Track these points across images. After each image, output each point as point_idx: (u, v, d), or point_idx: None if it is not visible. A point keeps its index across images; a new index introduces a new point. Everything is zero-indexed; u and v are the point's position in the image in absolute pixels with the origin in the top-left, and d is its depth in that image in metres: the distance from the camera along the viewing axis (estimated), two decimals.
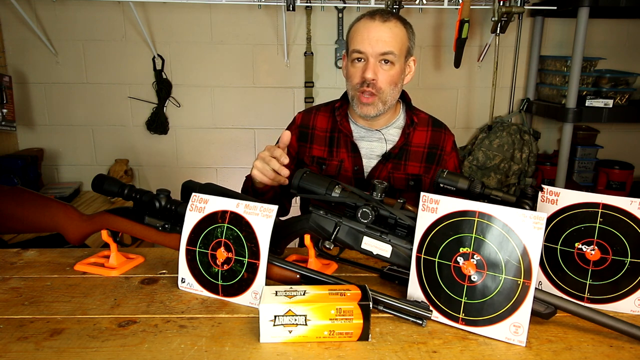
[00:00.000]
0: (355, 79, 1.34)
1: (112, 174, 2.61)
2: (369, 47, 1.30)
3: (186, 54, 2.62)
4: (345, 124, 1.44)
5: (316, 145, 1.46)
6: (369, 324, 0.80)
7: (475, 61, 2.69)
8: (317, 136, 1.47)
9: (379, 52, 1.30)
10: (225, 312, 0.90)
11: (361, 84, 1.32)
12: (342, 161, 1.43)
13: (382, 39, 1.30)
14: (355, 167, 1.42)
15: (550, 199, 0.96)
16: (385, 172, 1.42)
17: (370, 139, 1.44)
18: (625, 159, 2.77)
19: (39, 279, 1.03)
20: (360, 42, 1.31)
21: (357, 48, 1.32)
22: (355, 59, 1.34)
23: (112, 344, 0.80)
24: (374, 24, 1.31)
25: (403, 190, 1.42)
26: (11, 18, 2.51)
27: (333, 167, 1.43)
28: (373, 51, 1.30)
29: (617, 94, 2.44)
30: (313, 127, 1.48)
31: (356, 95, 1.35)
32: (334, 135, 1.45)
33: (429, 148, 1.44)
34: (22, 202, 1.11)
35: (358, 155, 1.43)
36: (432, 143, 1.44)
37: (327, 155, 1.45)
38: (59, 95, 2.64)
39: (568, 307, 0.84)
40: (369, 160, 1.43)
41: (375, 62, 1.31)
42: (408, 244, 0.94)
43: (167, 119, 2.69)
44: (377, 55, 1.30)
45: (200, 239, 0.96)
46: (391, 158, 1.41)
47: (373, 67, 1.31)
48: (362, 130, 1.45)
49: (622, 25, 2.68)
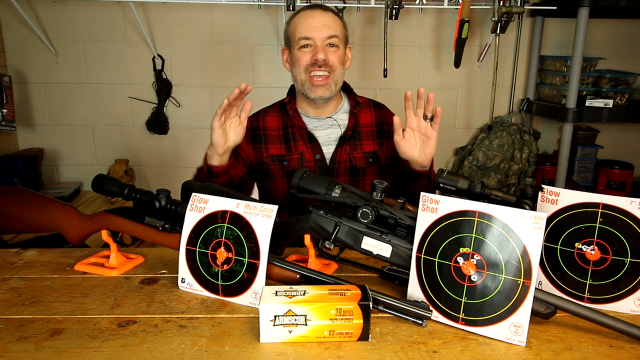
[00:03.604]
0: (304, 61, 1.41)
1: (112, 174, 2.61)
2: (316, 33, 1.39)
3: (186, 54, 2.62)
4: (297, 117, 1.49)
5: (272, 144, 1.50)
6: (369, 324, 0.80)
7: (475, 61, 2.69)
8: (270, 136, 1.51)
9: (326, 35, 1.40)
10: (225, 312, 0.90)
11: (312, 65, 1.39)
12: (302, 153, 1.47)
13: (327, 24, 1.40)
14: (316, 155, 1.47)
15: (550, 199, 0.96)
16: (345, 155, 1.48)
17: (324, 126, 1.50)
18: (625, 159, 2.77)
19: (39, 279, 1.03)
20: (308, 30, 1.40)
21: (304, 35, 1.40)
22: (302, 45, 1.41)
23: (112, 344, 0.80)
24: (315, 13, 1.41)
25: (364, 167, 1.49)
26: (11, 18, 2.51)
27: (294, 161, 1.47)
28: (320, 35, 1.39)
29: (617, 94, 2.44)
30: (264, 127, 1.51)
31: (307, 79, 1.41)
32: (287, 131, 1.50)
33: (377, 126, 1.52)
34: (22, 202, 1.11)
35: (317, 144, 1.48)
36: (378, 121, 1.53)
37: (285, 151, 1.48)
38: (59, 95, 2.64)
39: (568, 307, 0.84)
40: (327, 147, 1.49)
41: (322, 45, 1.40)
42: (408, 244, 0.93)
43: (167, 119, 2.69)
44: (323, 39, 1.40)
45: (200, 239, 0.96)
46: (347, 140, 1.49)
47: (323, 49, 1.39)
48: (314, 121, 1.50)
49: (622, 25, 2.68)
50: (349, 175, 1.49)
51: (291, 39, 1.45)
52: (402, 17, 2.44)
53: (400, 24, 2.53)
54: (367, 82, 2.67)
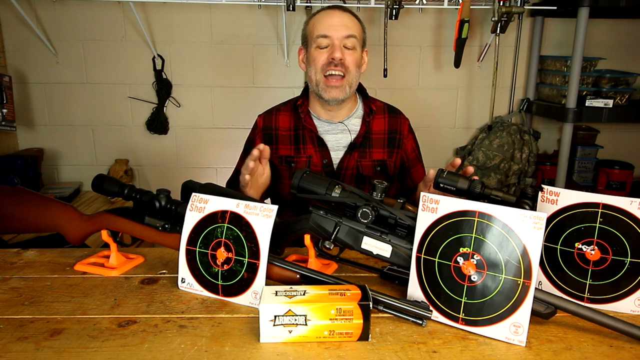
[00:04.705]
0: (320, 61, 1.40)
1: (112, 174, 2.61)
2: (334, 32, 1.38)
3: (186, 54, 2.62)
4: (309, 120, 1.48)
5: (282, 145, 1.49)
6: (369, 324, 0.80)
7: (475, 61, 2.69)
8: (281, 136, 1.50)
9: (344, 35, 1.39)
10: (225, 312, 0.90)
11: (328, 64, 1.38)
12: (311, 157, 1.47)
13: (345, 23, 1.40)
14: (324, 160, 1.47)
15: (550, 199, 0.96)
16: (353, 162, 1.47)
17: (335, 131, 1.49)
18: (625, 159, 2.77)
19: (39, 279, 1.03)
20: (326, 28, 1.39)
21: (322, 33, 1.39)
22: (319, 45, 1.40)
23: (112, 344, 0.80)
24: (335, 13, 1.41)
25: (371, 176, 1.48)
26: (11, 18, 2.51)
27: (302, 163, 1.47)
28: (338, 34, 1.38)
29: (617, 94, 2.44)
30: (276, 127, 1.51)
31: (322, 80, 1.40)
32: (298, 132, 1.49)
33: (389, 134, 1.51)
34: (22, 202, 1.11)
35: (325, 149, 1.47)
36: (391, 129, 1.52)
37: (294, 153, 1.48)
38: (59, 95, 2.64)
39: (568, 307, 0.84)
40: (336, 152, 1.48)
41: (340, 44, 1.39)
42: (408, 244, 0.93)
43: (167, 119, 2.69)
44: (341, 38, 1.38)
45: (200, 239, 0.96)
46: (356, 147, 1.48)
47: (340, 48, 1.38)
48: (325, 125, 1.49)
49: (622, 25, 2.68)
50: (355, 182, 1.48)
51: (309, 37, 1.44)
52: (402, 17, 2.44)
53: (400, 24, 2.53)
54: (367, 82, 2.63)
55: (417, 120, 2.82)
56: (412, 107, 2.76)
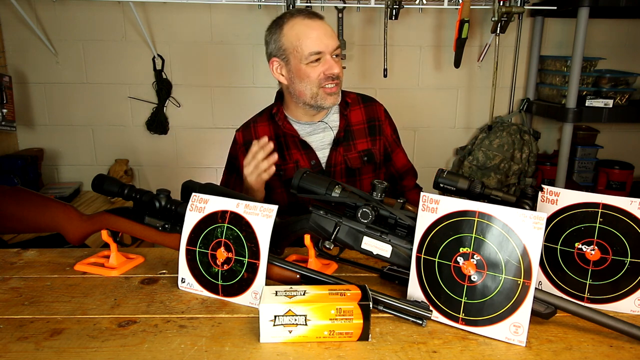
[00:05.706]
0: (316, 76, 1.38)
1: (112, 174, 2.61)
2: (324, 47, 1.37)
3: (186, 54, 2.62)
4: (288, 126, 1.47)
5: None
6: (369, 324, 0.80)
7: (475, 61, 2.69)
8: None
9: (333, 47, 1.39)
10: (225, 312, 0.90)
11: (325, 79, 1.38)
12: (297, 161, 1.47)
13: (330, 34, 1.39)
14: (312, 161, 1.47)
15: (550, 199, 0.96)
16: (340, 157, 1.48)
17: (317, 131, 1.49)
18: (625, 159, 2.77)
19: (39, 279, 1.03)
20: (317, 45, 1.36)
21: (315, 50, 1.36)
22: (311, 61, 1.37)
23: (112, 344, 0.80)
24: (317, 24, 1.38)
25: (360, 167, 1.49)
26: (11, 18, 2.51)
27: (290, 170, 1.46)
28: (328, 49, 1.38)
29: (617, 94, 2.44)
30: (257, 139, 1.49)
31: (320, 92, 1.40)
32: (280, 140, 1.48)
33: (368, 122, 1.52)
34: (22, 202, 1.11)
35: (311, 150, 1.47)
36: (369, 117, 1.53)
37: (280, 161, 1.44)
38: (59, 95, 2.64)
39: (568, 307, 0.84)
40: (321, 151, 1.48)
41: (331, 57, 1.38)
42: (408, 244, 0.93)
43: (167, 119, 2.69)
44: (331, 51, 1.38)
45: (200, 239, 0.96)
46: (340, 142, 1.48)
47: (336, 63, 1.39)
48: (306, 127, 1.49)
49: (622, 25, 2.68)
50: (345, 177, 1.48)
51: (292, 51, 1.37)
52: (402, 17, 2.44)
53: (400, 24, 2.53)
54: (367, 82, 2.67)
55: (417, 120, 2.85)
56: (412, 107, 2.78)
